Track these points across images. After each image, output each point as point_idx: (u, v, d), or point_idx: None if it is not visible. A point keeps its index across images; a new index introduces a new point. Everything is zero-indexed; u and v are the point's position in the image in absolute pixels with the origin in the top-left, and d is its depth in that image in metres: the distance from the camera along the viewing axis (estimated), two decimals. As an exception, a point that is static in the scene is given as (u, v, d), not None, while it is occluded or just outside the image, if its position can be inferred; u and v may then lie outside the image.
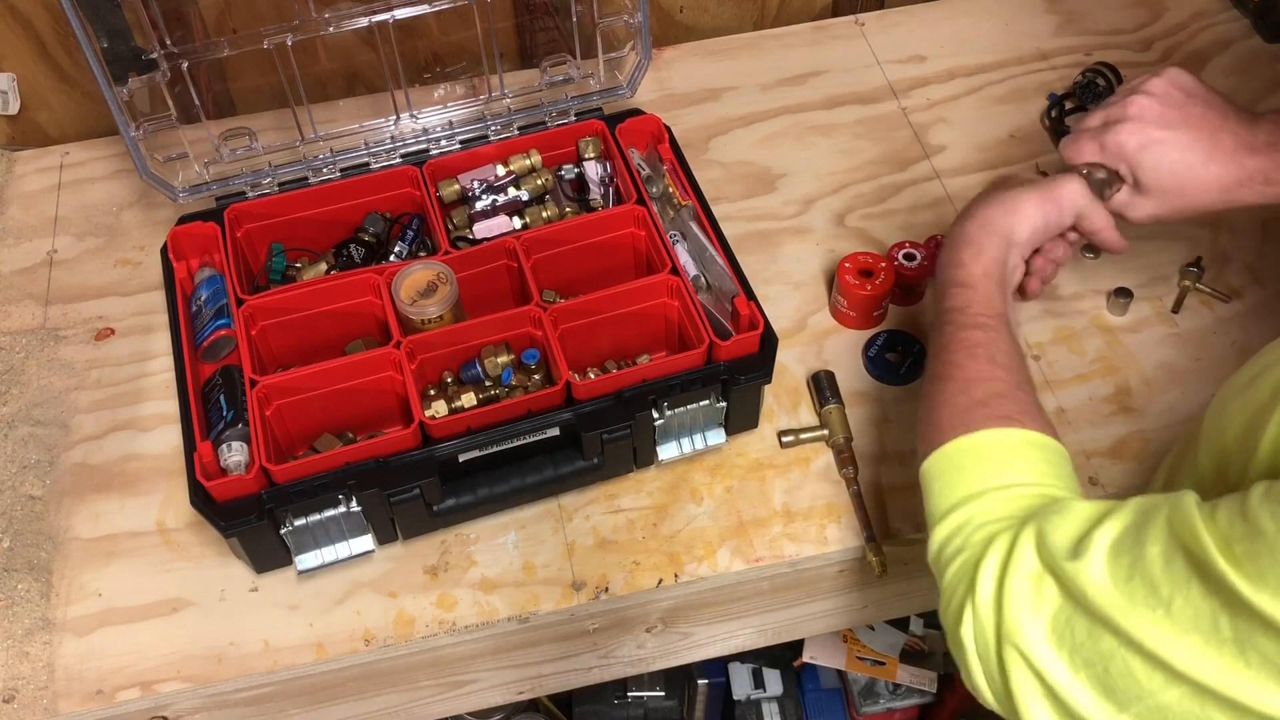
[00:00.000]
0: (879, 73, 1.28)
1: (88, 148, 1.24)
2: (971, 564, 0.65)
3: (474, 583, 0.92)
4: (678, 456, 0.96)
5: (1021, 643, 0.60)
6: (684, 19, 1.34)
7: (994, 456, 0.68)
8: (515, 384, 0.95)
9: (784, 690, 1.47)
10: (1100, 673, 0.57)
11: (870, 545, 0.92)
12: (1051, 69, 1.27)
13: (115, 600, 0.92)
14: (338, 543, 0.91)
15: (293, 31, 1.03)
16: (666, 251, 0.98)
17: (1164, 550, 0.56)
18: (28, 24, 1.17)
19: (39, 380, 1.05)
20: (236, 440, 0.90)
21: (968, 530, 0.66)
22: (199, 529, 0.94)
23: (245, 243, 1.04)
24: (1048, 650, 0.59)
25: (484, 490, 0.92)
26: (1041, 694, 0.60)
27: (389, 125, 1.10)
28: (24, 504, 0.97)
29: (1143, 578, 0.56)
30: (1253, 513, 0.53)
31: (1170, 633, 0.54)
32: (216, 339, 0.97)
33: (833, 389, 1.00)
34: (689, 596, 0.94)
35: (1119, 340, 1.04)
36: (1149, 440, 0.98)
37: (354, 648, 0.89)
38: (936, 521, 0.69)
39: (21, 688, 0.87)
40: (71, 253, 1.14)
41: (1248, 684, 0.52)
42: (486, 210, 1.06)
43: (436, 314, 0.95)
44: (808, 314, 1.08)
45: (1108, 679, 0.57)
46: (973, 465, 0.69)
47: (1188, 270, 1.07)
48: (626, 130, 1.07)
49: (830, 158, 1.20)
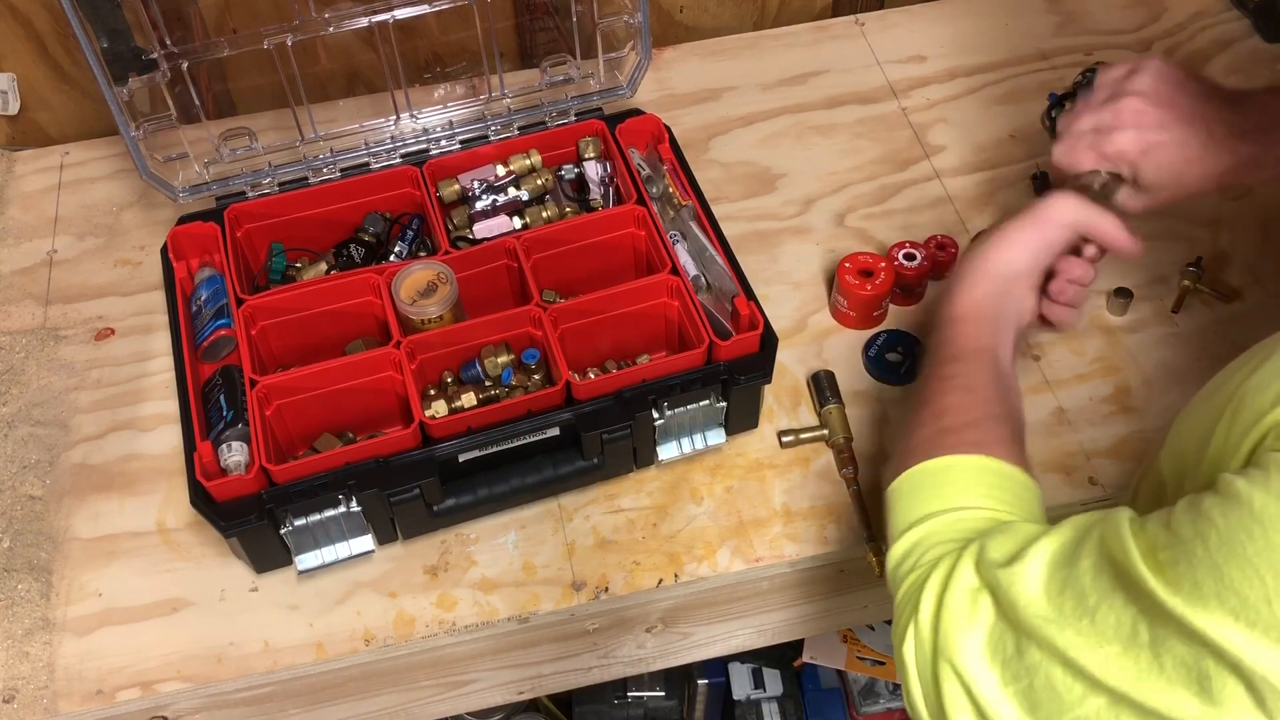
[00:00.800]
0: (879, 73, 1.28)
1: (88, 148, 1.24)
2: (918, 584, 0.65)
3: (474, 583, 0.92)
4: (678, 456, 0.96)
5: (956, 658, 0.61)
6: (684, 19, 1.34)
7: (953, 480, 0.69)
8: (515, 384, 0.95)
9: (784, 690, 1.47)
10: (1026, 687, 0.58)
11: (870, 545, 0.92)
12: (1051, 69, 1.27)
13: (115, 600, 0.92)
14: (338, 543, 0.91)
15: (293, 31, 1.03)
16: (666, 251, 0.98)
17: (1094, 563, 0.57)
18: (28, 24, 1.17)
19: (39, 380, 1.05)
20: (236, 440, 0.90)
21: (918, 551, 0.67)
22: (199, 529, 0.94)
23: (245, 243, 1.04)
24: (980, 665, 0.60)
25: (484, 490, 0.92)
26: (971, 711, 0.60)
27: (389, 125, 1.10)
28: (24, 504, 0.97)
29: (1073, 590, 0.57)
30: (1175, 521, 0.54)
31: (1091, 641, 0.55)
32: (216, 339, 0.97)
33: (833, 389, 1.00)
34: (689, 596, 0.94)
35: (1119, 340, 1.04)
36: (1149, 440, 0.98)
37: (354, 648, 0.89)
38: (893, 541, 0.69)
39: (21, 688, 0.87)
40: (71, 253, 1.15)
41: (1162, 691, 0.53)
42: (486, 210, 1.06)
43: (436, 314, 0.95)
44: (808, 314, 1.08)
45: (1032, 693, 0.57)
46: (932, 488, 0.69)
47: (1188, 270, 1.07)
48: (626, 130, 1.07)
49: (830, 158, 1.20)
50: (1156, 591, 0.52)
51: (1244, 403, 0.58)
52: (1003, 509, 0.68)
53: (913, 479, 0.71)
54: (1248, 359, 0.63)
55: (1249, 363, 0.62)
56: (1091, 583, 0.56)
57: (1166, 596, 0.52)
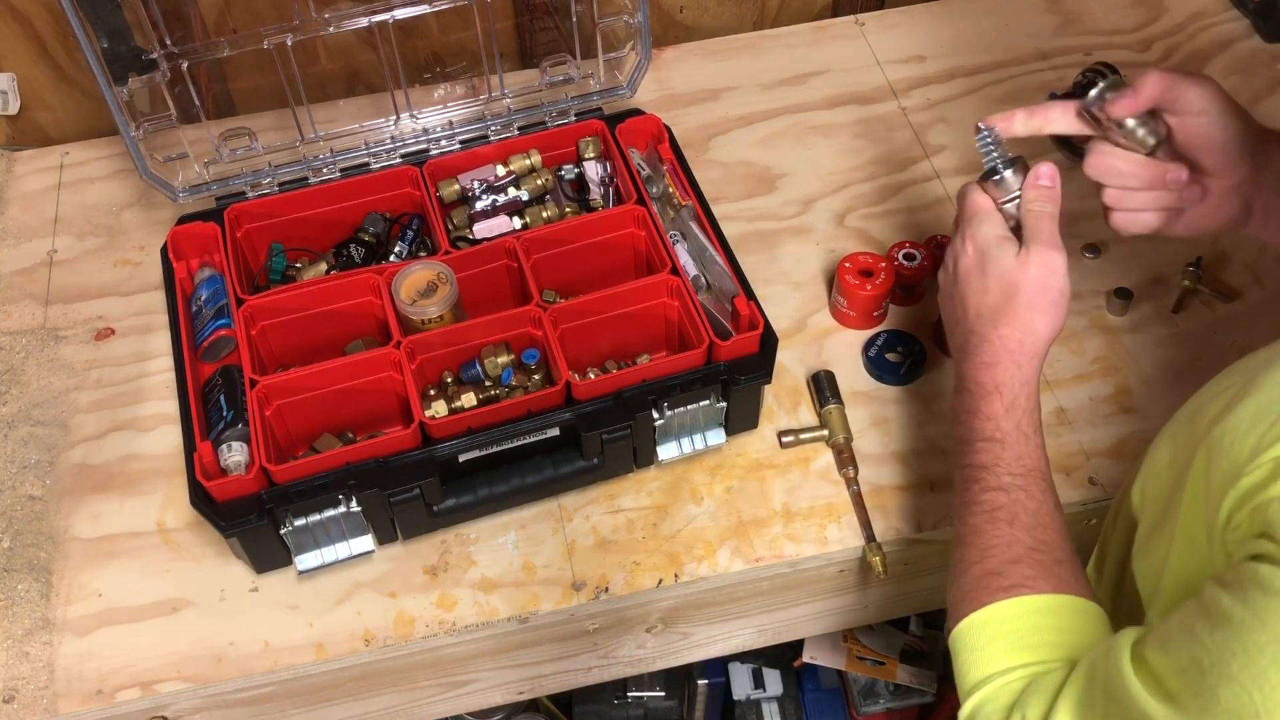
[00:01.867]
0: (879, 73, 1.28)
1: (88, 148, 1.24)
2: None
3: (474, 583, 0.92)
4: (678, 456, 0.96)
5: None
6: (684, 19, 1.34)
7: (1003, 631, 0.70)
8: (515, 384, 0.95)
9: (784, 690, 1.47)
10: None
11: (870, 545, 0.92)
12: (1051, 69, 1.27)
13: (115, 600, 0.92)
14: (338, 543, 0.91)
15: (293, 31, 1.03)
16: (666, 251, 0.98)
17: (1105, 710, 0.59)
18: (28, 24, 1.17)
19: (39, 380, 1.05)
20: (236, 440, 0.90)
21: (981, 716, 0.69)
22: (199, 529, 0.94)
23: (245, 243, 1.04)
24: None
25: (484, 490, 0.92)
26: None
27: (389, 125, 1.10)
28: (24, 504, 0.97)
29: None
30: (1173, 648, 0.56)
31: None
32: (216, 339, 0.97)
33: (833, 389, 1.00)
34: (689, 596, 0.94)
35: (1119, 340, 1.04)
36: (1149, 440, 0.96)
37: (354, 648, 0.89)
38: (964, 698, 0.70)
39: (21, 688, 0.87)
40: (71, 253, 1.14)
41: None
42: (486, 210, 1.06)
43: (436, 314, 0.95)
44: (808, 314, 1.08)
45: None
46: (985, 644, 0.70)
47: (1188, 270, 1.07)
48: (626, 130, 1.07)
49: (830, 158, 1.20)
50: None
51: (1220, 448, 0.58)
52: (1043, 655, 0.68)
53: (967, 632, 0.71)
54: (1225, 384, 0.64)
55: (1225, 391, 0.62)
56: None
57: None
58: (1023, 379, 0.77)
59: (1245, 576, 0.52)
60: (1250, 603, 0.51)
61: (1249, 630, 0.51)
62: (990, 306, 0.79)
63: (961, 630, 0.71)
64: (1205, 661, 0.52)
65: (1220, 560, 0.58)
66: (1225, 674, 0.51)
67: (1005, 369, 0.77)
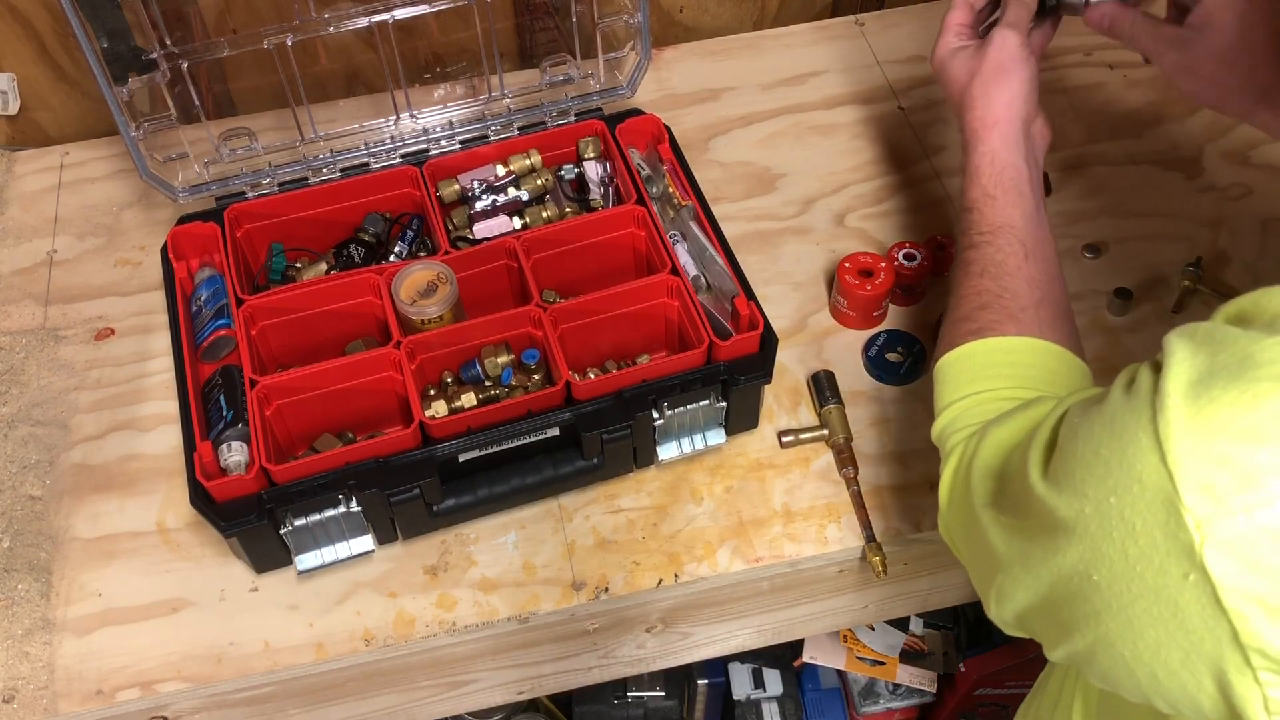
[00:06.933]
0: (879, 73, 1.28)
1: (88, 148, 1.24)
2: (944, 460, 0.76)
3: (474, 583, 0.92)
4: (678, 456, 0.96)
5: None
6: (684, 19, 1.34)
7: (969, 366, 0.79)
8: (515, 384, 0.95)
9: (784, 690, 1.47)
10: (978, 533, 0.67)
11: (870, 545, 0.92)
12: (1051, 69, 1.27)
13: (115, 600, 0.92)
14: (338, 543, 0.91)
15: (293, 31, 1.03)
16: (666, 251, 0.98)
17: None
18: (28, 24, 1.17)
19: (39, 380, 1.05)
20: (236, 440, 0.90)
21: (948, 434, 0.77)
22: (199, 529, 0.94)
23: (245, 243, 1.04)
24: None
25: (484, 490, 0.92)
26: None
27: (389, 125, 1.10)
28: (24, 504, 0.97)
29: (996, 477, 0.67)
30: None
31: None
32: (216, 339, 0.97)
33: (833, 389, 1.00)
34: (689, 596, 0.94)
35: (1119, 340, 1.04)
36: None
37: (354, 648, 0.89)
38: (936, 415, 0.79)
39: (21, 688, 0.87)
40: (71, 253, 1.15)
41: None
42: (486, 210, 1.06)
43: (436, 314, 0.95)
44: (808, 314, 1.08)
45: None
46: (954, 376, 0.79)
47: (1188, 270, 1.06)
48: (626, 130, 1.07)
49: (830, 158, 1.20)
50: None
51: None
52: (1001, 384, 0.76)
53: (940, 370, 0.80)
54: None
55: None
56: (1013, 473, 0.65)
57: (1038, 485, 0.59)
58: (985, 150, 0.86)
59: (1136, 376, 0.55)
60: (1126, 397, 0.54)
61: (1117, 408, 0.54)
62: (958, 95, 0.90)
63: (938, 368, 0.81)
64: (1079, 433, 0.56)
65: None
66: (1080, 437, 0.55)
67: (973, 147, 0.87)
